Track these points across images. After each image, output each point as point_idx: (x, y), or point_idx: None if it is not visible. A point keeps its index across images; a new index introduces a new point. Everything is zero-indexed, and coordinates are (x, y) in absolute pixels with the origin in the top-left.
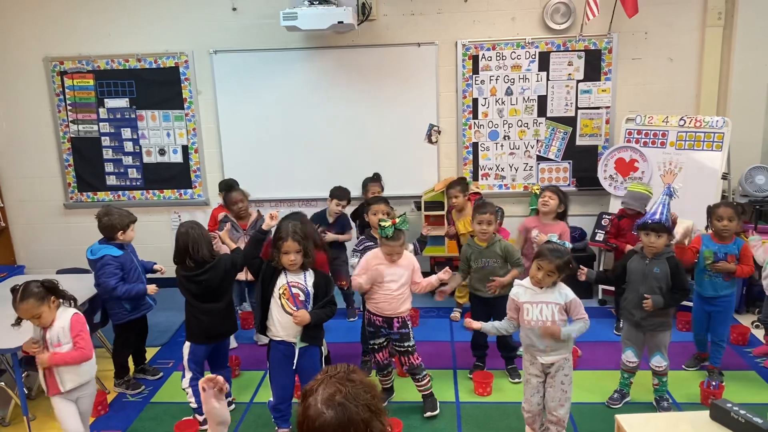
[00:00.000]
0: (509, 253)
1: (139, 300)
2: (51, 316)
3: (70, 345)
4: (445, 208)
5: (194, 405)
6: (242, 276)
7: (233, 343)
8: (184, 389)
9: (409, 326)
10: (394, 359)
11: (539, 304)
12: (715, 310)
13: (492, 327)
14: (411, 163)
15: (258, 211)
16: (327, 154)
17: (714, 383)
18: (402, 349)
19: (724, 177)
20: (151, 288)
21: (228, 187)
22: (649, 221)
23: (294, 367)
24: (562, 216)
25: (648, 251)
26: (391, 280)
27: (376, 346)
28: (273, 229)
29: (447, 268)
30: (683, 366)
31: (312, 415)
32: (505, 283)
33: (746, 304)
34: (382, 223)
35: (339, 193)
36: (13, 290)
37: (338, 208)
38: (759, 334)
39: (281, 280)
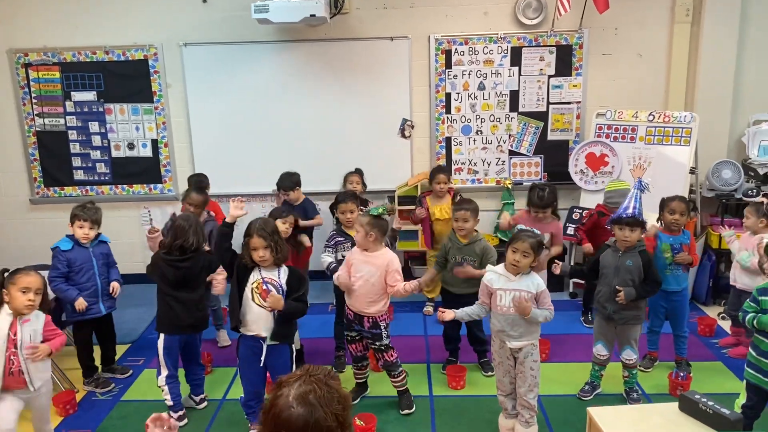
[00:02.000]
0: (486, 254)
1: (87, 299)
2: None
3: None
4: (419, 193)
5: (170, 402)
6: None
7: (227, 340)
8: (159, 387)
9: (382, 326)
10: (368, 353)
11: (512, 291)
12: (673, 305)
13: (464, 313)
14: (384, 158)
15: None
16: (299, 149)
17: (682, 374)
18: (375, 347)
19: (692, 171)
20: (79, 303)
21: (196, 187)
22: (624, 216)
23: (262, 364)
24: (553, 212)
25: (621, 245)
26: (359, 276)
27: (349, 338)
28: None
29: (417, 281)
30: (640, 367)
31: (281, 405)
32: (472, 274)
33: (712, 296)
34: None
35: (281, 184)
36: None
37: (284, 197)
38: (725, 325)
39: (255, 275)
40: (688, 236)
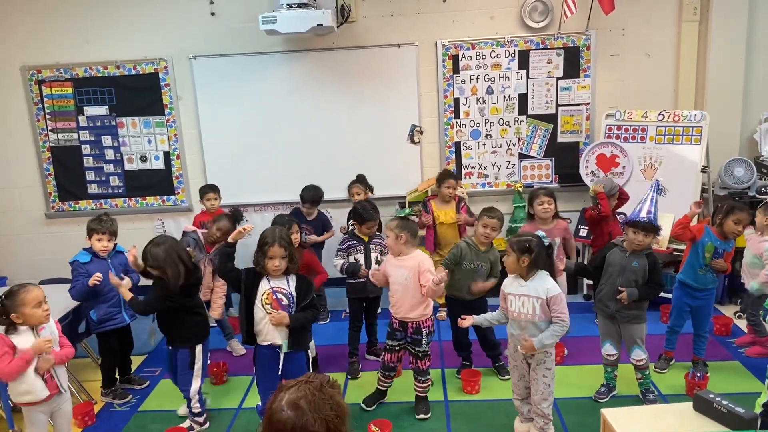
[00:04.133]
0: (497, 263)
1: (105, 310)
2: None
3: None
4: (427, 197)
5: (198, 409)
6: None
7: (241, 349)
8: (189, 398)
9: (424, 333)
10: (400, 364)
11: (521, 296)
12: (699, 303)
13: (483, 319)
14: (394, 164)
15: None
16: (310, 157)
17: (699, 374)
18: (413, 352)
19: (704, 170)
20: (93, 278)
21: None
22: (639, 219)
23: (280, 372)
24: (555, 214)
25: (631, 247)
26: (394, 281)
27: (387, 346)
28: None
29: (444, 270)
30: (655, 369)
31: (275, 408)
32: (487, 288)
33: (728, 295)
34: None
35: (307, 197)
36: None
37: (310, 211)
38: (741, 324)
39: (264, 286)
40: (731, 245)
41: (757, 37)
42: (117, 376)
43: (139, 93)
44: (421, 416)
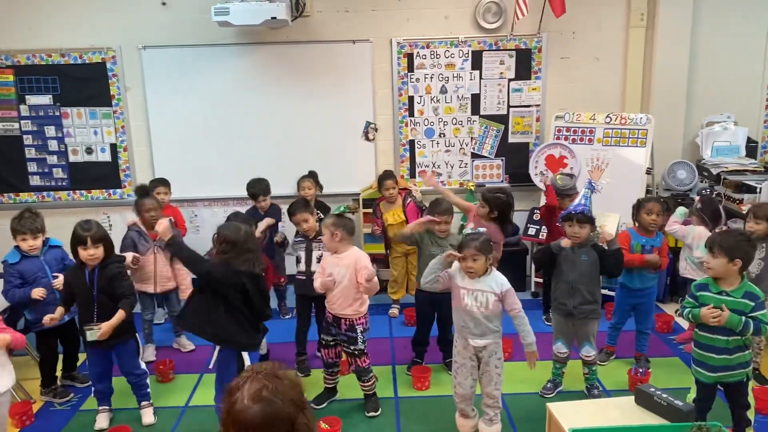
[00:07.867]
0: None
1: (40, 310)
2: None
3: None
4: (377, 200)
5: None
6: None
7: (190, 344)
8: None
9: (359, 330)
10: (341, 360)
11: (475, 291)
12: (640, 301)
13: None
14: (348, 161)
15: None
16: (261, 152)
17: (641, 370)
18: (349, 351)
19: (648, 172)
20: (36, 292)
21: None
22: (573, 212)
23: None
24: (494, 220)
25: (573, 241)
26: (334, 279)
27: (323, 342)
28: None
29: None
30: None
31: (239, 409)
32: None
33: (670, 293)
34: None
35: (261, 189)
36: None
37: (264, 203)
38: (682, 321)
39: None
40: (660, 239)
41: (700, 44)
42: (58, 374)
43: (86, 83)
44: (371, 414)
